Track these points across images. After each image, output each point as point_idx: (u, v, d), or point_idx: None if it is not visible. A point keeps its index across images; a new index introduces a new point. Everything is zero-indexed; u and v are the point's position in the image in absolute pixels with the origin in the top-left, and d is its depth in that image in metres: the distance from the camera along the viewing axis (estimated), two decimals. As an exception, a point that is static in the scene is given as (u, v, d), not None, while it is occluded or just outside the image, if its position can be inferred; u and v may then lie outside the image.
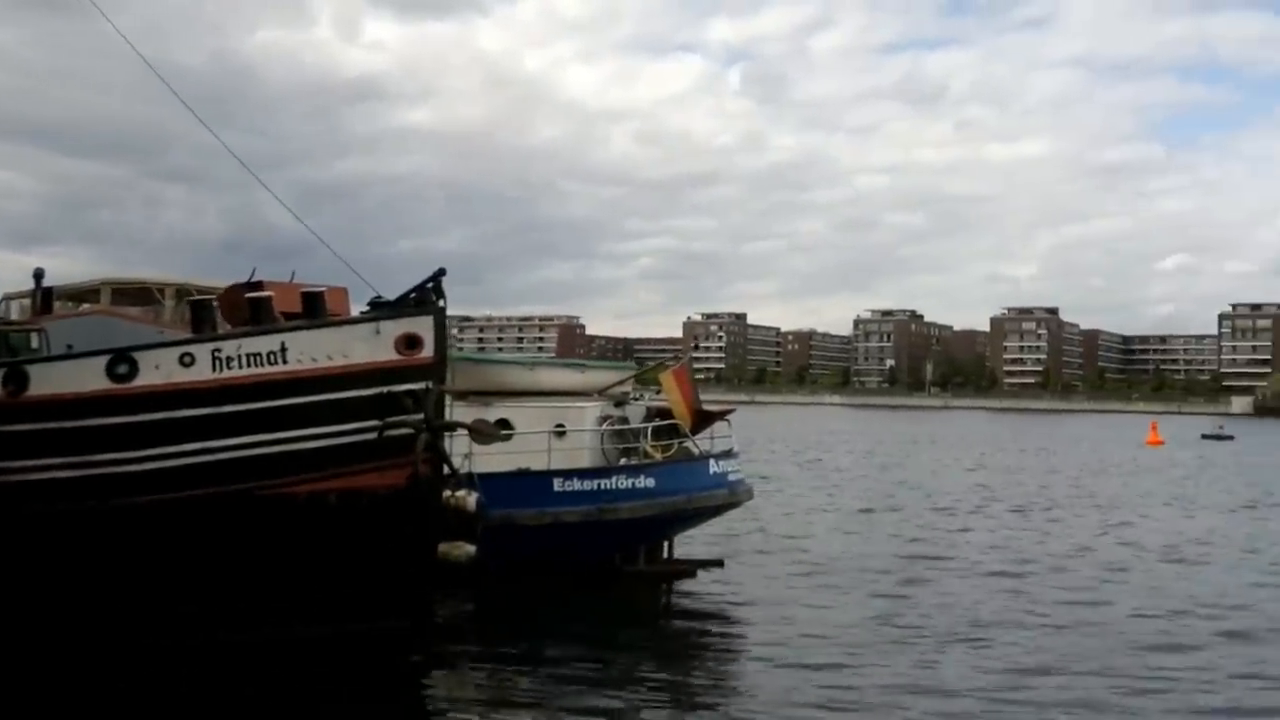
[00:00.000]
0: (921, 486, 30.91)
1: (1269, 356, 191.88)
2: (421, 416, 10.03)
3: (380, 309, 10.57)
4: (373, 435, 10.15)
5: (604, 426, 14.38)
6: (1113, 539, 20.68)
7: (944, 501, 26.69)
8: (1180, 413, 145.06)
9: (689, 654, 11.75)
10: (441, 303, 10.39)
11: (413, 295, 10.35)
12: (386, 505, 10.14)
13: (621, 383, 15.88)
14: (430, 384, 10.18)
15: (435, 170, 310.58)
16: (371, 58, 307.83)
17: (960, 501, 26.80)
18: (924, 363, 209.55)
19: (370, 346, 10.18)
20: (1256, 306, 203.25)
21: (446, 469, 10.52)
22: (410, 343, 10.18)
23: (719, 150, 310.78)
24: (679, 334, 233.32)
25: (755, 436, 53.03)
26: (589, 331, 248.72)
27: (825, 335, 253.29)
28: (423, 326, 10.25)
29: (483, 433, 11.21)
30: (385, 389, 10.15)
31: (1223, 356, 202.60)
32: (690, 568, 15.22)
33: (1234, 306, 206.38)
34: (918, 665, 10.85)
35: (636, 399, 16.00)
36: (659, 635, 12.49)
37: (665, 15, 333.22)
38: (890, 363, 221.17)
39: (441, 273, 10.34)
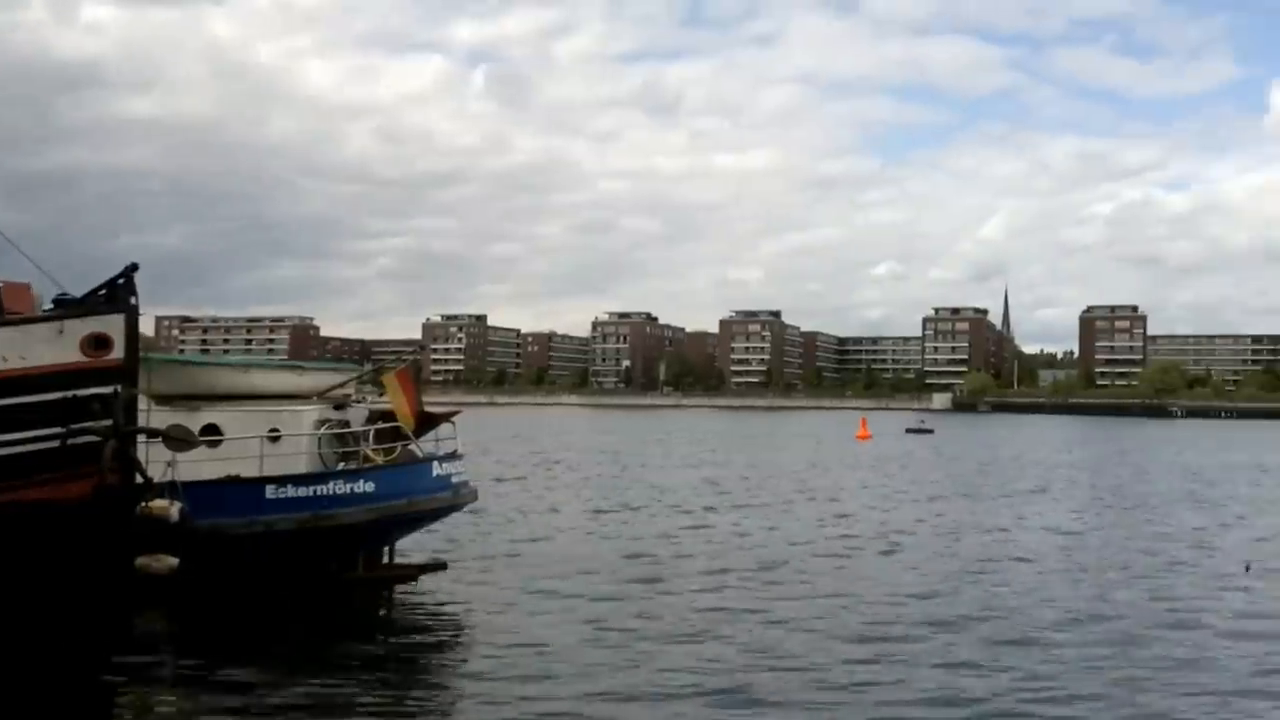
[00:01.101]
0: (655, 485, 31.66)
1: (966, 356, 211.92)
2: (110, 423, 9.38)
3: (65, 307, 9.81)
4: (55, 443, 9.40)
5: (322, 430, 13.95)
6: (832, 531, 21.72)
7: (676, 499, 27.20)
8: (888, 408, 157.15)
9: (400, 666, 11.34)
10: (134, 300, 9.75)
11: (102, 292, 9.65)
12: (71, 518, 9.42)
13: (343, 385, 15.44)
14: (120, 388, 9.54)
15: (159, 163, 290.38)
16: (88, 41, 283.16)
17: (693, 499, 27.44)
18: (658, 363, 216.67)
19: (53, 348, 9.42)
20: (956, 311, 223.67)
21: (141, 478, 9.89)
22: (98, 343, 9.49)
23: (461, 151, 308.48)
24: (420, 335, 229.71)
25: (493, 438, 53.11)
26: (324, 333, 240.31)
27: (564, 337, 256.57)
28: (112, 326, 9.58)
29: (178, 439, 10.60)
30: (69, 393, 9.42)
31: (926, 356, 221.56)
32: (412, 573, 14.95)
33: (936, 311, 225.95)
34: (633, 669, 10.79)
35: (359, 402, 15.60)
36: (373, 646, 11.99)
37: (405, 12, 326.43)
38: (626, 363, 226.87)
39: (133, 268, 9.71)
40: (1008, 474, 38.45)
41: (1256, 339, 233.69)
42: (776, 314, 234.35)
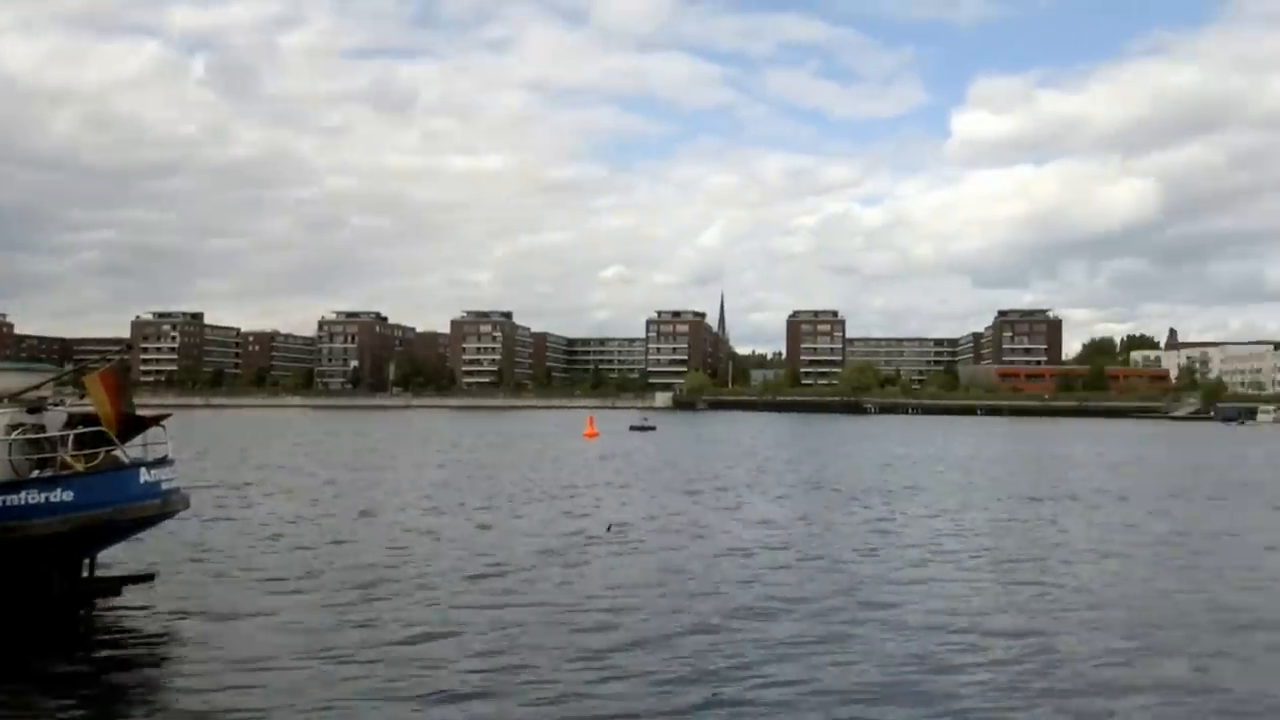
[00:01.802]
0: (383, 488, 31.18)
1: (686, 357, 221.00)
2: None
3: None
4: None
5: (14, 436, 13.04)
6: (563, 528, 22.02)
7: (403, 501, 26.81)
8: (614, 407, 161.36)
9: (96, 684, 10.57)
10: None
11: None
12: None
13: (38, 387, 14.45)
14: None
15: None
16: None
17: (421, 501, 27.11)
18: (387, 364, 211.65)
19: None
20: (677, 313, 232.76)
21: None
22: None
23: (179, 140, 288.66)
24: (128, 334, 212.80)
25: (208, 442, 50.15)
26: (18, 330, 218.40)
27: (289, 337, 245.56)
28: None
29: None
30: None
31: (649, 357, 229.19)
32: (115, 585, 14.18)
33: (659, 313, 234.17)
34: (349, 682, 10.47)
35: (57, 404, 14.58)
36: (69, 664, 11.16)
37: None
38: (354, 364, 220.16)
39: None
40: (725, 468, 40.71)
41: (938, 342, 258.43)
42: (508, 315, 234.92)
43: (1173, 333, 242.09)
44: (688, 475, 36.73)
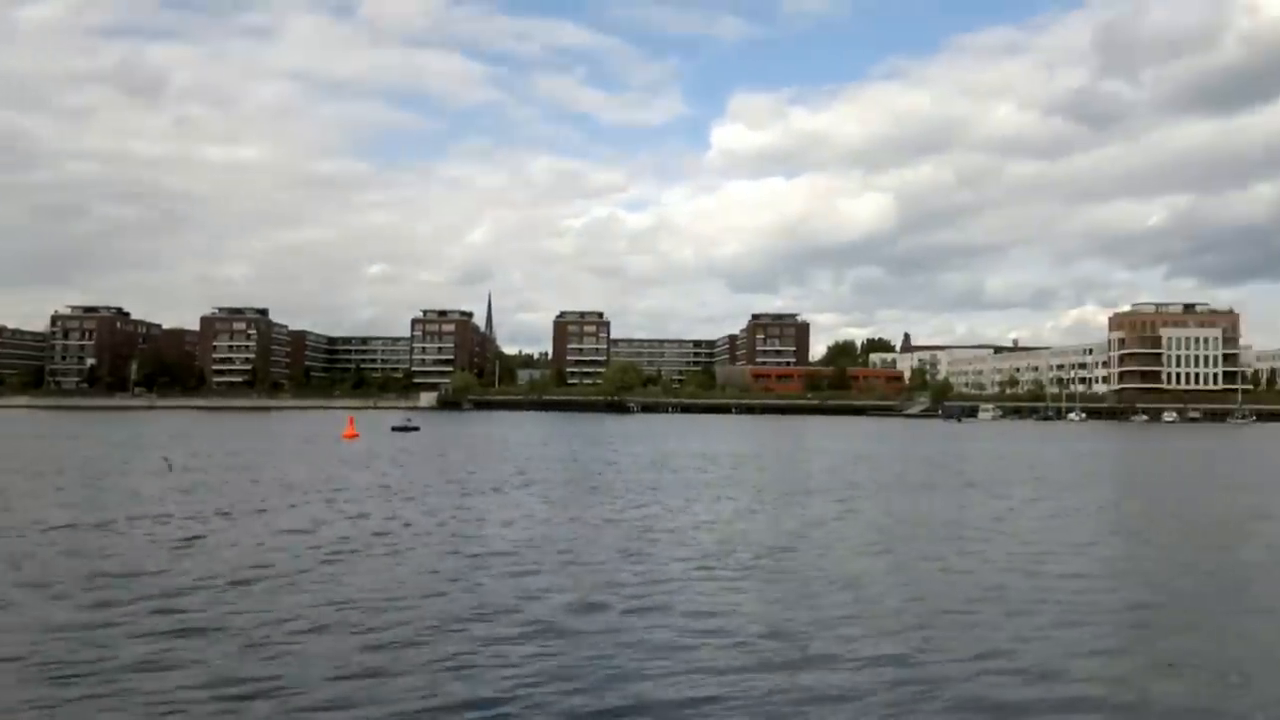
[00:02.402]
0: (126, 492, 29.54)
1: (452, 357, 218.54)
2: None
3: None
4: None
5: None
6: (327, 533, 21.47)
7: (146, 510, 25.16)
8: (376, 407, 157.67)
9: None
10: None
11: None
12: None
13: None
14: None
15: None
16: None
17: (168, 507, 25.63)
18: (129, 362, 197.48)
19: None
20: (443, 313, 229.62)
21: None
22: None
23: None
24: None
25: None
26: None
27: (16, 332, 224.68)
28: None
29: None
30: None
31: (414, 356, 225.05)
32: None
33: (425, 312, 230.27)
34: (77, 703, 9.99)
35: None
36: None
37: None
38: (91, 362, 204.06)
39: None
40: (489, 467, 40.94)
41: (697, 343, 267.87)
42: (263, 312, 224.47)
43: (907, 337, 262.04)
44: (450, 475, 36.81)
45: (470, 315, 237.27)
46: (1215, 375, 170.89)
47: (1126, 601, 15.36)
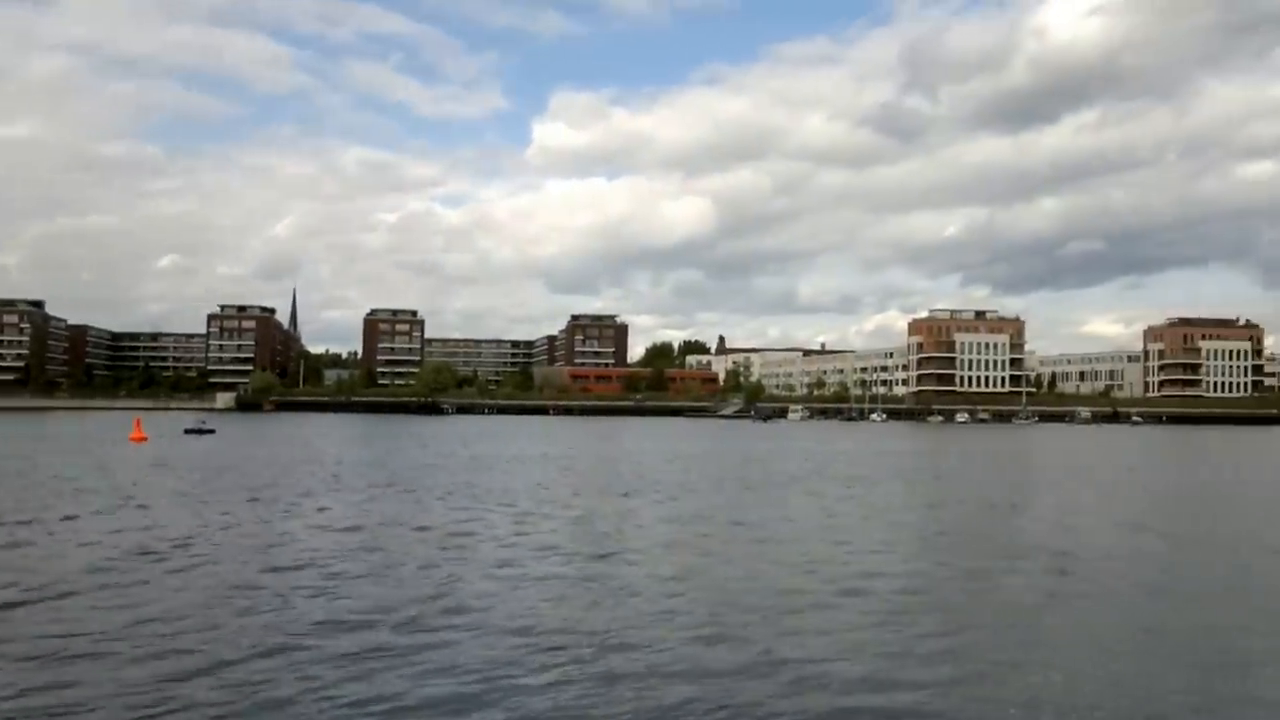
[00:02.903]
0: None
1: (252, 355, 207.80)
2: None
3: None
4: None
5: None
6: (106, 549, 19.27)
7: None
8: (167, 409, 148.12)
9: None
10: None
11: None
12: None
13: None
14: None
15: None
16: None
17: None
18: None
19: None
20: (243, 308, 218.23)
21: None
22: None
23: None
24: None
25: None
26: None
27: None
28: None
29: None
30: None
31: (210, 354, 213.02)
32: None
33: (222, 307, 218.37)
34: None
35: None
36: None
37: None
38: None
39: None
40: (293, 471, 38.13)
41: (515, 344, 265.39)
42: (39, 304, 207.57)
43: (722, 339, 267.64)
44: (251, 481, 33.83)
45: (273, 311, 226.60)
46: (1003, 379, 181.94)
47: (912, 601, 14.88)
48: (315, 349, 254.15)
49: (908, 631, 12.92)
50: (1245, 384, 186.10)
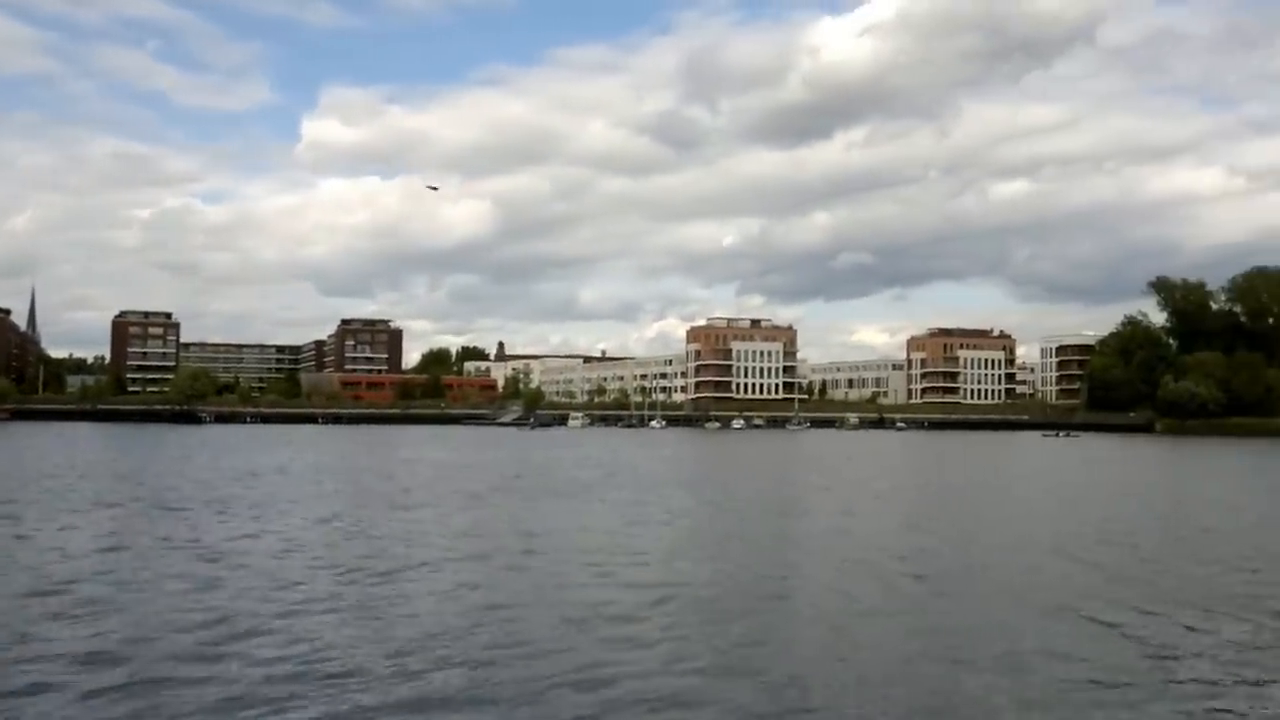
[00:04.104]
0: None
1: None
2: None
3: None
4: None
5: None
6: None
7: None
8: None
9: None
10: None
11: None
12: None
13: None
14: None
15: None
16: None
17: None
18: None
19: None
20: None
21: None
22: None
23: None
24: None
25: None
26: None
27: None
28: None
29: None
30: None
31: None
32: None
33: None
34: None
35: None
36: None
37: None
38: None
39: None
40: (27, 486, 33.78)
41: (280, 349, 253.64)
42: None
43: (501, 346, 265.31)
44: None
45: (8, 312, 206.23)
46: (777, 385, 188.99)
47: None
48: (57, 353, 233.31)
49: (700, 640, 12.40)
50: (999, 391, 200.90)
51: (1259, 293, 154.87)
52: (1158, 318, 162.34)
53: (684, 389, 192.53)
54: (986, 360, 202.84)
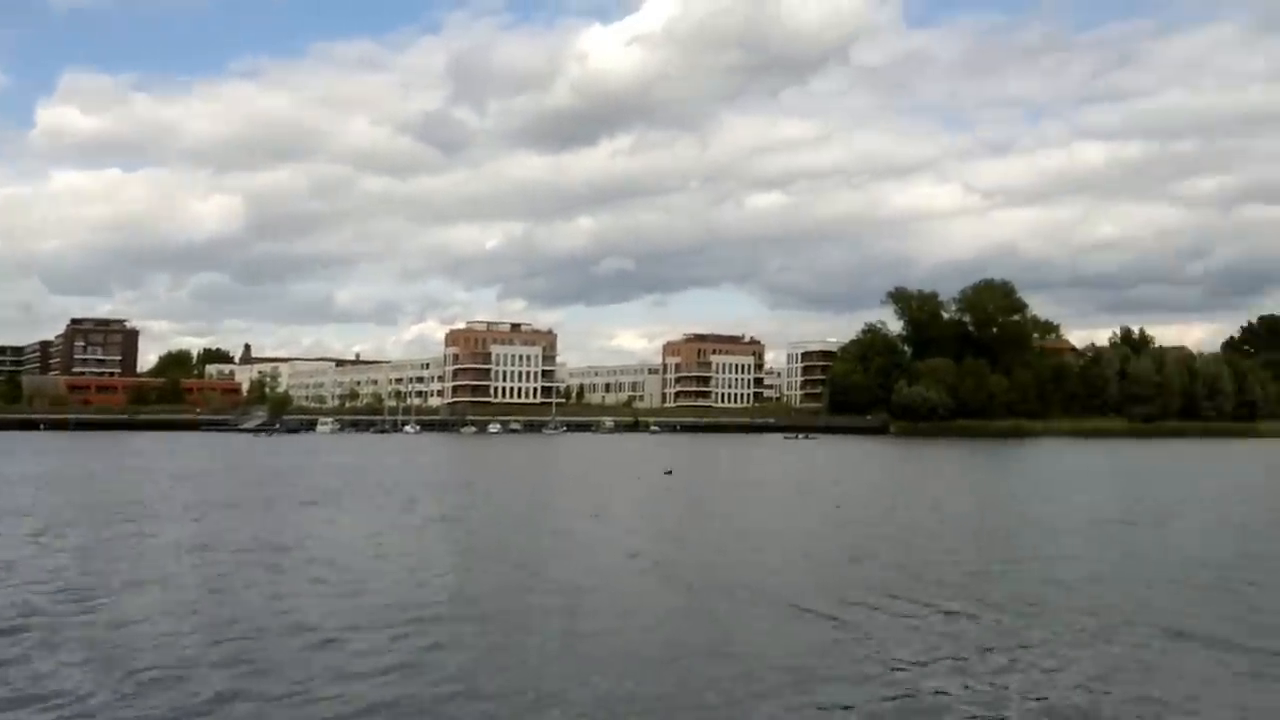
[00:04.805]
0: None
1: None
2: None
3: None
4: None
5: None
6: None
7: None
8: None
9: None
10: None
11: None
12: None
13: None
14: None
15: None
16: None
17: None
18: None
19: None
20: None
21: None
22: None
23: None
24: None
25: None
26: None
27: None
28: None
29: None
30: None
31: None
32: None
33: None
34: None
35: None
36: None
37: None
38: None
39: None
40: None
41: (2, 350, 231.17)
42: None
43: (247, 348, 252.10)
44: None
45: None
46: (535, 389, 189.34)
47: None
48: None
49: (437, 652, 12.46)
50: (748, 395, 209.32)
51: (985, 304, 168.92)
52: (895, 326, 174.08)
53: (441, 393, 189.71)
54: (737, 365, 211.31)
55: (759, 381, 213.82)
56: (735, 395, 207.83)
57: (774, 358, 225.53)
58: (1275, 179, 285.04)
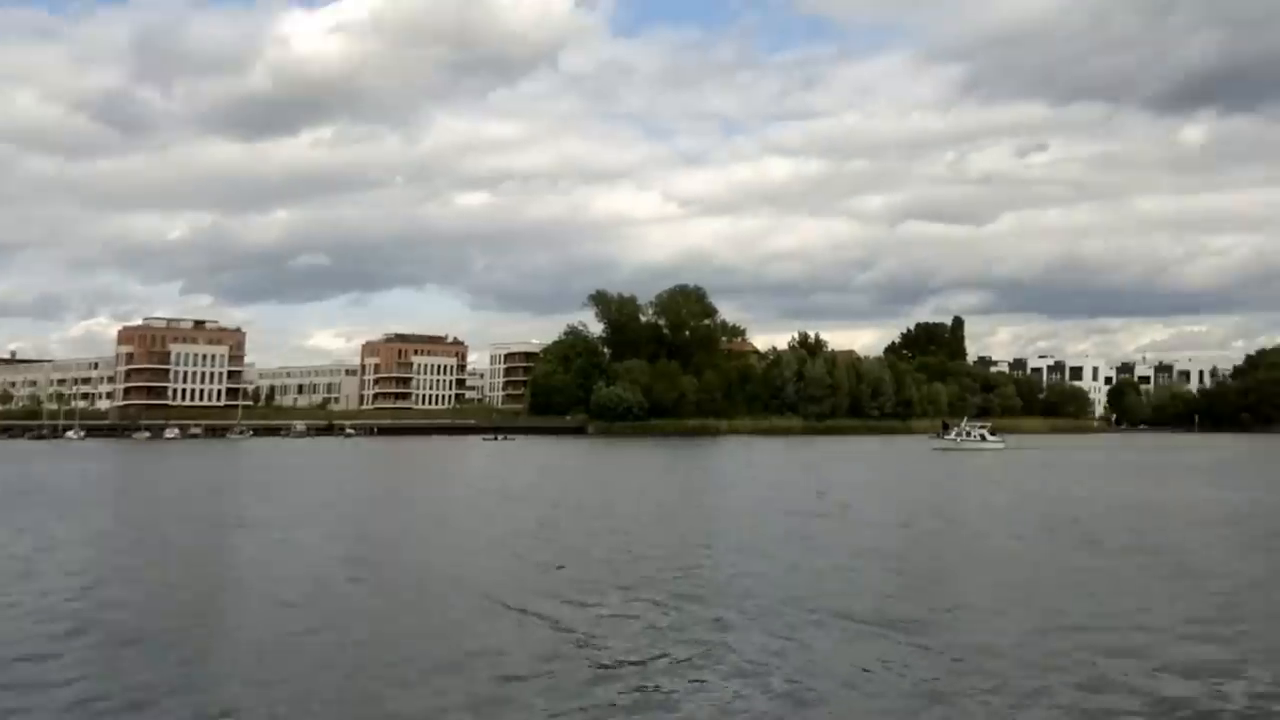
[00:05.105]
0: None
1: None
2: None
3: None
4: None
5: None
6: None
7: None
8: None
9: None
10: None
11: None
12: None
13: None
14: None
15: None
16: None
17: None
18: None
19: None
20: None
21: None
22: None
23: None
24: None
25: None
26: None
27: None
28: None
29: None
30: None
31: None
32: None
33: None
34: None
35: None
36: None
37: None
38: None
39: None
40: None
41: None
42: None
43: None
44: None
45: None
46: (220, 391, 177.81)
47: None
48: None
49: (118, 672, 11.78)
50: (450, 396, 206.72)
51: (679, 308, 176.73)
52: (596, 328, 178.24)
53: (111, 395, 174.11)
54: (439, 366, 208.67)
55: (461, 383, 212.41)
56: (436, 397, 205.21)
57: (477, 359, 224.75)
58: (933, 198, 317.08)
